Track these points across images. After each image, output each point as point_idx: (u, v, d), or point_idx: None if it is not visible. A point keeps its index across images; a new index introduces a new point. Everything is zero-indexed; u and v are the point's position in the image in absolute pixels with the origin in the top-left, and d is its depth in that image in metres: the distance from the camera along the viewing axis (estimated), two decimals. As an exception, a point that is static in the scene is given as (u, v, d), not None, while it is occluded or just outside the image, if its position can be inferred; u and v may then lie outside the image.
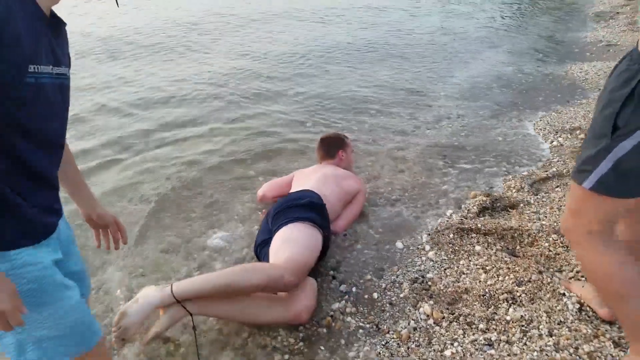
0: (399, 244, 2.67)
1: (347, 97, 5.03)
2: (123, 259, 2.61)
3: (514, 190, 3.12)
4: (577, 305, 2.08)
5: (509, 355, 1.88)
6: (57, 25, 1.21)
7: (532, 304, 2.13)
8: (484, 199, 2.99)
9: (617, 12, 8.19)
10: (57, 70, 1.17)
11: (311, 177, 2.92)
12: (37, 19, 1.11)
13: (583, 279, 2.23)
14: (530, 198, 3.01)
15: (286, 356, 1.98)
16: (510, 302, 2.16)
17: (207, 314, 2.07)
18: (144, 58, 6.70)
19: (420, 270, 2.44)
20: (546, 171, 3.32)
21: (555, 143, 3.75)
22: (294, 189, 2.87)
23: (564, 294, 2.15)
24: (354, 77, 5.68)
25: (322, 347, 2.01)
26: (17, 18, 1.02)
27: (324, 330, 2.11)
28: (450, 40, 7.18)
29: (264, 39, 7.48)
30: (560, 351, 1.87)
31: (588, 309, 2.07)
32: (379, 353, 1.95)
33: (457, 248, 2.57)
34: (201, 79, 5.65)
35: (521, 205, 2.95)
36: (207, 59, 6.55)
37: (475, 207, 2.92)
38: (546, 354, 1.86)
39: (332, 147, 3.21)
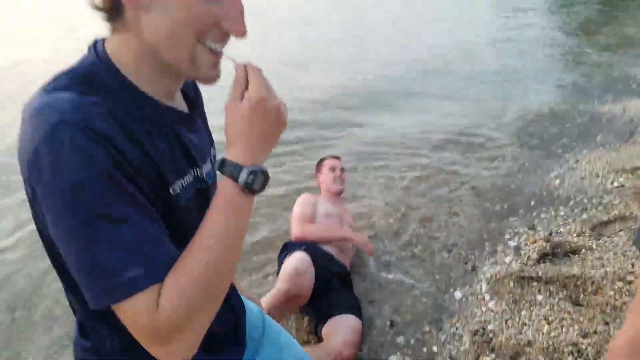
0: (458, 294, 2.66)
1: (398, 135, 5.08)
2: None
3: (574, 235, 3.05)
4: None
5: (577, 413, 1.84)
6: (190, 113, 0.93)
7: (599, 357, 2.07)
8: (544, 244, 2.94)
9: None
10: (197, 174, 0.91)
11: None
12: (167, 127, 0.85)
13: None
14: (592, 243, 2.94)
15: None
16: (575, 355, 2.11)
17: None
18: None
19: (480, 322, 2.42)
20: (608, 214, 3.24)
21: (615, 184, 3.65)
22: None
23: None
24: (403, 113, 5.72)
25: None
26: (152, 154, 0.78)
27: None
28: (503, 76, 7.14)
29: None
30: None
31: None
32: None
33: (518, 298, 2.53)
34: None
35: (583, 250, 2.88)
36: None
37: (535, 254, 2.87)
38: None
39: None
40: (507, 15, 12.17)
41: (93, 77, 0.77)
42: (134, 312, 0.70)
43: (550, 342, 2.19)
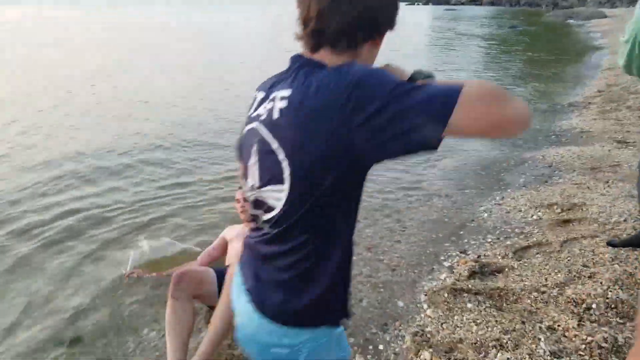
0: (400, 303, 3.03)
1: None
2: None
3: (499, 257, 3.52)
4: (550, 347, 2.44)
5: (498, 389, 2.21)
6: None
7: (517, 348, 2.47)
8: (473, 264, 3.38)
9: (589, 103, 8.96)
10: None
11: None
12: None
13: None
14: (514, 263, 3.40)
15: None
16: (498, 348, 2.50)
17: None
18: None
19: (420, 325, 2.79)
20: (527, 241, 3.74)
21: (535, 217, 4.20)
22: None
23: (540, 339, 2.51)
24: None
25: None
26: None
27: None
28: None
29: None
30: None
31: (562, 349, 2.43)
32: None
33: (451, 306, 2.92)
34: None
35: (506, 269, 3.33)
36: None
37: (466, 272, 3.30)
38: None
39: None
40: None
41: None
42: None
43: (477, 339, 2.58)
